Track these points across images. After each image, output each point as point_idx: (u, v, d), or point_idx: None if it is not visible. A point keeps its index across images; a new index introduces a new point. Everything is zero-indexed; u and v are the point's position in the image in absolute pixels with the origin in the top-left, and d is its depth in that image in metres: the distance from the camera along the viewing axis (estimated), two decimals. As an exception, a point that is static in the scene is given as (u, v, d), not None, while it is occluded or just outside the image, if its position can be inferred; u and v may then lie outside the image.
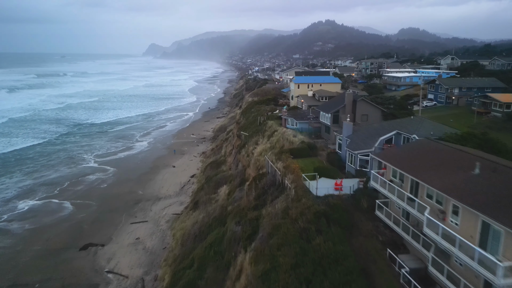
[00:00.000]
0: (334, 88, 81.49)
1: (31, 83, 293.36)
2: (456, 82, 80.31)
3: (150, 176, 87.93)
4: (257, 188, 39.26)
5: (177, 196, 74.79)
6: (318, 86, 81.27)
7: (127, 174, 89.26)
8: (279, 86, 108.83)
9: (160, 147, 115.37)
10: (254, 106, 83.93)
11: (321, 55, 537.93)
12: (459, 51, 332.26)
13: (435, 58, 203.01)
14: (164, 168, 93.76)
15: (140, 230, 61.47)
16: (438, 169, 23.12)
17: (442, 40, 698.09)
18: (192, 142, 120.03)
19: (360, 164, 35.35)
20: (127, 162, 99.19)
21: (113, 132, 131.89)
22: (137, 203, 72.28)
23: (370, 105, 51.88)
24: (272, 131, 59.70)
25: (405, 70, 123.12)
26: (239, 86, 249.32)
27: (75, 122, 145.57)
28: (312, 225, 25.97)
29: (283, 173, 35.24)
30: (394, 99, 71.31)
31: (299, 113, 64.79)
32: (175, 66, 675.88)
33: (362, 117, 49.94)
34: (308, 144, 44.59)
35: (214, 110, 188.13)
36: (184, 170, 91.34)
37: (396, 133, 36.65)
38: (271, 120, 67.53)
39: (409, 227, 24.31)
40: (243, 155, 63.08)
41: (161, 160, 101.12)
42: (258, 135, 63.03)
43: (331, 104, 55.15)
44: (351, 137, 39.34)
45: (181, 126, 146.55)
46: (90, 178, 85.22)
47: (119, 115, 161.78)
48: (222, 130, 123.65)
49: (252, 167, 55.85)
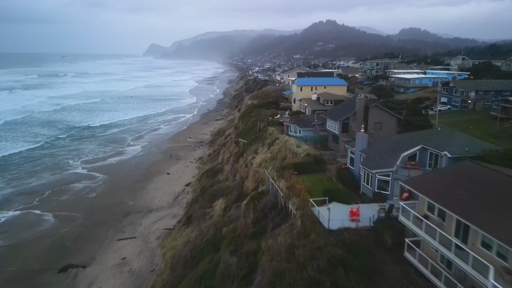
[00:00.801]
0: (340, 91, 75.66)
1: (30, 84, 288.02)
2: (472, 85, 74.18)
3: (143, 184, 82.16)
4: (255, 210, 33.53)
5: (170, 208, 68.98)
6: (322, 88, 75.49)
7: (118, 182, 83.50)
8: (280, 88, 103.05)
9: (155, 151, 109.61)
10: (254, 110, 78.15)
11: (322, 55, 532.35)
12: (464, 51, 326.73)
13: (442, 59, 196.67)
14: (158, 175, 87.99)
15: (127, 248, 55.66)
16: (496, 208, 17.48)
17: (444, 40, 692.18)
18: (188, 147, 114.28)
19: (378, 185, 29.58)
20: (119, 168, 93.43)
21: (107, 136, 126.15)
22: (126, 216, 66.50)
23: (384, 112, 45.35)
24: (273, 139, 54.02)
25: (414, 71, 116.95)
26: (239, 87, 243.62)
27: (68, 125, 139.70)
28: (326, 277, 20.21)
29: (287, 195, 29.54)
30: (406, 104, 65.35)
31: (302, 119, 59.09)
32: (176, 66, 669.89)
33: (375, 125, 44.03)
34: (315, 157, 38.69)
35: (213, 111, 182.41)
36: (179, 178, 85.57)
37: (421, 148, 30.89)
38: (272, 126, 61.70)
39: (455, 283, 18.39)
40: (241, 164, 57.35)
41: (155, 166, 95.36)
42: (258, 143, 57.34)
43: (339, 110, 49.51)
44: (366, 151, 33.40)
45: (178, 129, 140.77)
46: (77, 187, 79.44)
47: (115, 118, 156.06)
48: (221, 133, 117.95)
49: (250, 180, 50.09)
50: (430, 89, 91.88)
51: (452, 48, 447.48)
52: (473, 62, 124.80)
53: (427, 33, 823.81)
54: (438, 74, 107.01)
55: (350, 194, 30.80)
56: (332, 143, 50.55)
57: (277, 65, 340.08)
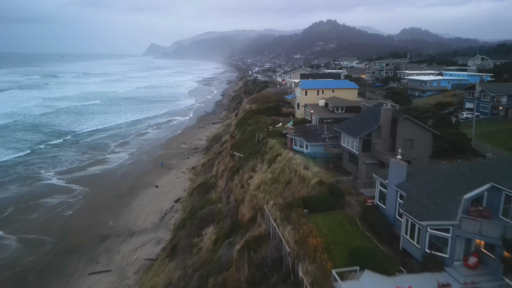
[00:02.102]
0: (350, 95, 66.47)
1: (28, 84, 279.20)
2: (504, 89, 64.15)
3: (127, 199, 73.02)
4: (251, 263, 24.47)
5: (155, 230, 59.82)
6: (330, 92, 66.22)
7: (100, 196, 74.43)
8: (281, 91, 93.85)
9: (145, 159, 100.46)
10: (252, 116, 68.77)
11: (322, 55, 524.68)
12: (471, 51, 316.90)
13: (454, 59, 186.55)
14: (145, 188, 78.85)
15: (99, 285, 46.51)
16: None
17: (445, 40, 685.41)
18: (182, 154, 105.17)
19: (430, 242, 20.34)
20: (103, 179, 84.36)
21: (93, 141, 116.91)
22: (104, 241, 57.38)
23: (416, 126, 35.13)
24: (274, 155, 44.92)
25: (429, 72, 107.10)
26: (238, 88, 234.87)
27: (54, 130, 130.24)
28: None
29: (296, 254, 20.40)
30: (433, 112, 55.85)
31: (309, 131, 49.50)
32: (175, 66, 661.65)
33: (405, 143, 34.61)
34: (330, 188, 29.30)
35: (211, 114, 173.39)
36: (169, 192, 76.45)
37: (490, 188, 21.51)
38: (273, 137, 52.31)
39: None
40: (236, 184, 48.26)
41: (143, 176, 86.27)
42: (256, 158, 48.31)
43: (357, 122, 39.83)
44: (405, 187, 23.66)
45: (172, 133, 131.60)
46: (50, 203, 70.25)
47: (107, 121, 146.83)
48: (217, 139, 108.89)
49: (247, 206, 41.01)
50: (449, 92, 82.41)
51: (454, 48, 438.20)
52: (494, 62, 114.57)
53: (428, 33, 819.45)
54: (457, 75, 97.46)
55: (388, 255, 21.17)
56: (349, 163, 40.29)
57: (277, 65, 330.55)
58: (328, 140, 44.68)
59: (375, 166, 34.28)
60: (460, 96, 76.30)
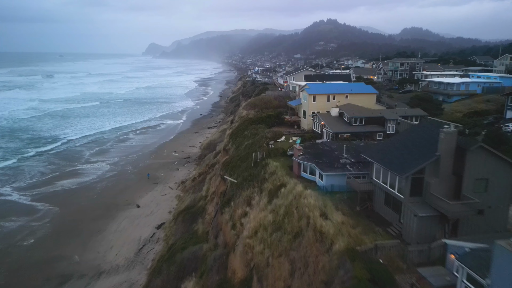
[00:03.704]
0: (367, 101, 54.97)
1: (24, 85, 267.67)
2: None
3: (101, 223, 61.75)
4: None
5: (128, 269, 48.51)
6: (342, 98, 54.73)
7: (71, 218, 63.29)
8: (283, 94, 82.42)
9: (130, 170, 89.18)
10: (249, 126, 57.05)
11: (323, 55, 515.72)
12: (477, 50, 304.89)
13: (470, 58, 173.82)
14: (125, 208, 67.60)
15: None
16: None
17: (447, 39, 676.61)
18: (172, 164, 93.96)
19: None
20: (78, 195, 73.23)
21: (71, 149, 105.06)
22: (62, 284, 46.08)
23: (494, 159, 23.64)
24: (277, 185, 33.47)
25: (453, 74, 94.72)
26: (236, 89, 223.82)
27: (33, 136, 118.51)
28: None
29: None
30: (481, 125, 44.49)
31: (323, 152, 37.74)
32: (174, 66, 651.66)
33: (477, 184, 23.61)
34: (371, 270, 17.53)
35: (207, 117, 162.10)
36: (151, 214, 65.18)
37: None
38: (274, 158, 40.32)
39: None
40: (226, 220, 37.07)
41: (125, 192, 75.14)
42: (253, 186, 37.03)
43: (398, 149, 27.96)
44: None
45: (164, 139, 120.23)
46: (7, 227, 59.13)
47: (96, 126, 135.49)
48: (211, 148, 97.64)
49: (239, 258, 29.89)
50: (480, 97, 70.60)
51: (456, 47, 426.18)
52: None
53: (429, 33, 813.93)
54: (487, 77, 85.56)
55: None
56: (385, 207, 28.07)
57: (277, 64, 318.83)
58: (350, 167, 33.33)
59: (431, 220, 22.91)
60: (496, 102, 64.84)
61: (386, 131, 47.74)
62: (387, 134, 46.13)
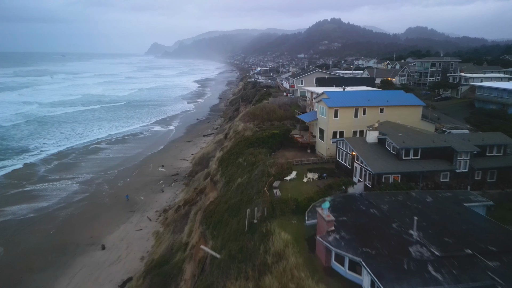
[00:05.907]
0: (411, 117, 38.83)
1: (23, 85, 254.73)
2: None
3: (49, 275, 46.63)
4: None
5: None
6: (376, 111, 38.65)
7: (10, 267, 48.13)
8: (290, 101, 66.40)
9: (105, 191, 74.18)
10: (245, 150, 40.76)
11: (327, 54, 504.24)
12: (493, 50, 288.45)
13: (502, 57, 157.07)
14: (86, 250, 52.38)
15: None
16: None
17: (453, 39, 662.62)
18: (156, 183, 78.93)
19: None
20: (32, 228, 58.59)
21: (30, 163, 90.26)
22: None
23: None
24: (284, 281, 17.64)
25: (500, 76, 78.20)
26: (237, 90, 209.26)
27: (7, 147, 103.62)
28: None
29: None
30: None
31: (370, 223, 21.25)
32: (176, 66, 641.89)
33: None
34: None
35: (204, 122, 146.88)
36: (118, 261, 49.79)
37: None
38: (282, 221, 23.37)
39: None
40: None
41: (92, 226, 60.05)
42: (246, 275, 21.16)
43: None
44: None
45: (152, 149, 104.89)
46: None
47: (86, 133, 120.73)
48: (203, 163, 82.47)
49: None
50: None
51: (463, 47, 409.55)
52: None
53: (434, 32, 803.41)
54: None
55: None
56: None
57: (280, 64, 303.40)
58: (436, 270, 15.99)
59: None
60: None
61: (455, 169, 32.10)
62: (457, 174, 30.55)
